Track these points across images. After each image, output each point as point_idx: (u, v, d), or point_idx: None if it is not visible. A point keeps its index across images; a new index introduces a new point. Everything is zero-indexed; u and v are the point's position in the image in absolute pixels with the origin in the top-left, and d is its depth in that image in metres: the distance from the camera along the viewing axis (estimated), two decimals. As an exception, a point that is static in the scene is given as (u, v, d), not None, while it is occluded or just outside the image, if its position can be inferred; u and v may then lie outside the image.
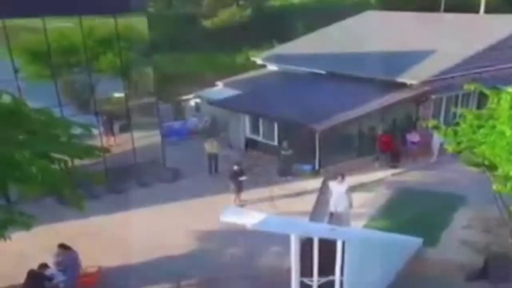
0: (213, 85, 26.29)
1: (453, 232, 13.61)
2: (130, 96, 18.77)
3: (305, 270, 8.73)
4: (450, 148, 11.48)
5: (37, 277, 10.43)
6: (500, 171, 10.16)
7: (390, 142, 18.49)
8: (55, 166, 8.78)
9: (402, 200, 15.89)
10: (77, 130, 9.45)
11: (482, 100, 20.98)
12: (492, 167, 10.64)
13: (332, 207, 11.78)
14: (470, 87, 12.13)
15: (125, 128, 20.05)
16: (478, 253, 12.35)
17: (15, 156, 7.90)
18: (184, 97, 26.21)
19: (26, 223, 8.29)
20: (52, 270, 10.65)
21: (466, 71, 20.37)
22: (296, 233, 8.33)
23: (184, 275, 11.71)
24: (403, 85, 19.69)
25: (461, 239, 13.19)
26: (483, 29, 23.36)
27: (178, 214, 15.38)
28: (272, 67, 26.93)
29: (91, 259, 11.52)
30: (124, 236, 11.49)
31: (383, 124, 19.36)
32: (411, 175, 18.00)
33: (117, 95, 23.25)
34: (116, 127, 20.30)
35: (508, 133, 9.57)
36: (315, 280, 8.61)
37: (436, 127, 12.41)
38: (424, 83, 19.57)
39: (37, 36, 16.03)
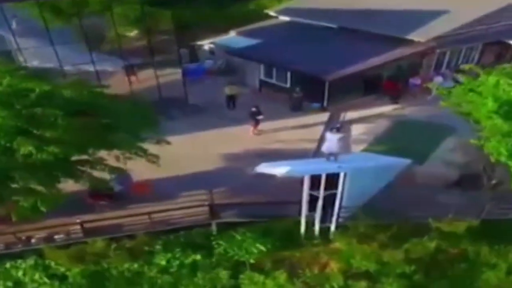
0: (224, 32, 30.07)
1: (439, 154, 17.84)
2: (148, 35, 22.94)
3: (313, 186, 13.64)
4: (444, 104, 15.72)
5: None
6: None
7: (394, 86, 22.47)
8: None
9: (399, 129, 19.81)
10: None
11: (483, 53, 25.20)
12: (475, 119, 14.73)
13: (325, 150, 14.13)
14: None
15: (143, 66, 24.40)
16: (457, 170, 16.74)
17: (108, 138, 12.40)
18: (198, 43, 30.19)
19: None
20: (111, 183, 15.11)
21: (472, 28, 23.99)
22: (312, 173, 13.36)
23: (215, 185, 15.88)
24: (411, 41, 23.34)
25: (445, 159, 17.45)
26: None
27: (206, 141, 19.57)
28: (284, 18, 30.45)
29: (142, 173, 15.75)
30: (164, 157, 14.23)
31: (388, 72, 23.18)
32: (410, 110, 21.91)
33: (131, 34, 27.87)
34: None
35: (489, 104, 13.34)
36: (322, 192, 13.69)
37: (434, 86, 18.02)
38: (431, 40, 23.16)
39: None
